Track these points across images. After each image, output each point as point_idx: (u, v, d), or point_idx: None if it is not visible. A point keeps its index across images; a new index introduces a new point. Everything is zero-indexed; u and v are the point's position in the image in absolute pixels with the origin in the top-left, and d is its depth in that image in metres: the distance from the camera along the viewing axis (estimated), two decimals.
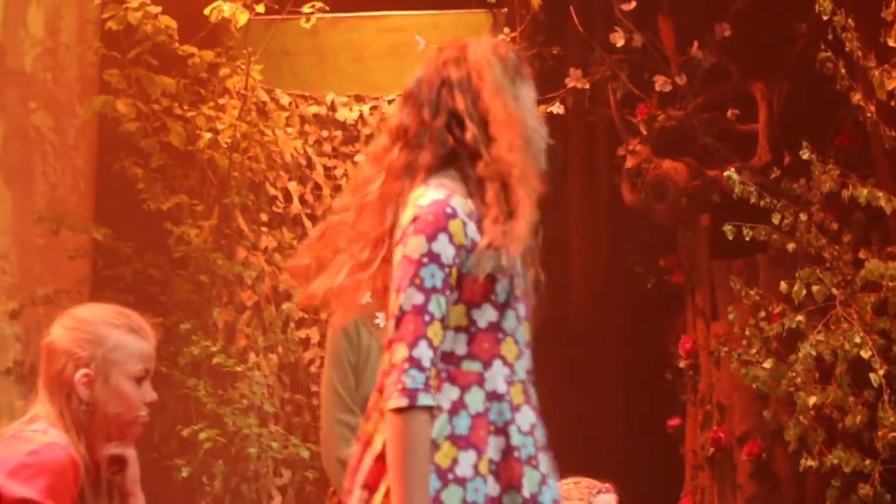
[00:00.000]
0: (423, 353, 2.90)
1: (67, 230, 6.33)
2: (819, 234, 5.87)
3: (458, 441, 2.94)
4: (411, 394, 2.88)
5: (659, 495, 6.41)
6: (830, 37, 5.68)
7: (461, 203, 3.00)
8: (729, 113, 6.51)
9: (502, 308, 3.04)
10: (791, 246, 5.85)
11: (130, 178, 6.45)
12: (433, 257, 2.93)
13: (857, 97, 5.71)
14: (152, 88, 6.38)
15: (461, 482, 2.93)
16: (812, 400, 5.61)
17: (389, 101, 6.98)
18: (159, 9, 6.30)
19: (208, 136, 6.46)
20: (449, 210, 2.96)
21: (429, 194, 3.00)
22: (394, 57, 7.01)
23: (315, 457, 6.12)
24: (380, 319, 4.36)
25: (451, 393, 2.97)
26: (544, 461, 3.05)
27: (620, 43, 6.56)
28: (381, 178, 3.10)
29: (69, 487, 3.23)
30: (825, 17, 5.64)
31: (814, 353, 5.63)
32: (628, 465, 6.34)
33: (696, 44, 6.47)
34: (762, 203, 5.73)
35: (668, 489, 6.50)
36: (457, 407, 2.96)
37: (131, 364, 3.39)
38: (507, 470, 2.98)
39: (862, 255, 5.87)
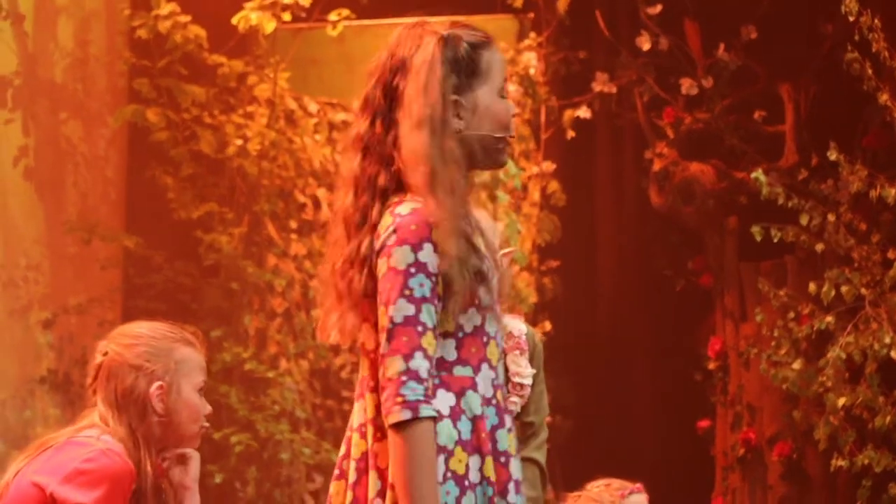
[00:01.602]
0: (420, 364, 2.82)
1: (99, 240, 6.38)
2: (847, 235, 5.86)
3: (466, 446, 2.90)
4: (413, 406, 2.81)
5: (690, 496, 6.42)
6: (857, 37, 5.68)
7: None
8: (756, 115, 6.51)
9: (484, 312, 2.94)
10: (819, 247, 5.85)
11: (161, 187, 6.49)
12: (420, 267, 2.84)
13: (884, 97, 5.70)
14: (182, 97, 6.42)
15: (473, 488, 2.90)
16: (841, 401, 5.61)
17: None
18: (188, 18, 6.35)
19: (238, 142, 6.50)
20: (431, 219, 2.86)
21: (407, 203, 2.90)
22: None
23: None
24: None
25: (447, 399, 2.90)
26: (516, 468, 2.99)
27: (646, 46, 6.57)
28: (348, 193, 3.00)
29: (123, 495, 3.23)
30: (851, 18, 5.63)
31: (843, 355, 5.62)
32: (659, 466, 6.35)
33: (722, 46, 6.47)
34: (790, 204, 5.73)
35: (699, 490, 6.50)
36: (457, 412, 2.90)
37: (195, 376, 3.41)
38: (498, 474, 2.93)
39: (891, 254, 5.86)
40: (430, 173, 2.88)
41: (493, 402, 2.93)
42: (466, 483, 2.89)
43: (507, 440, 2.95)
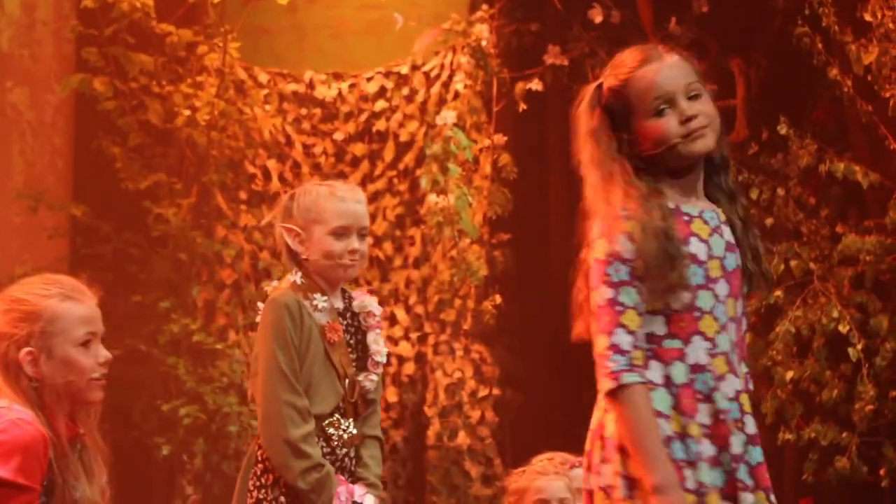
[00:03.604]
0: (622, 339, 3.25)
1: (45, 208, 6.32)
2: (797, 209, 5.89)
3: (677, 409, 3.28)
4: (616, 375, 3.23)
5: None
6: (807, 12, 5.69)
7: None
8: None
9: (695, 290, 3.31)
10: (769, 221, 5.87)
11: (108, 157, 6.44)
12: (616, 255, 3.28)
13: (833, 72, 5.72)
14: (130, 66, 6.37)
15: (684, 441, 3.28)
16: (789, 374, 5.64)
17: (368, 79, 6.97)
18: None
19: (187, 112, 6.44)
20: (623, 212, 3.30)
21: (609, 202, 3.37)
22: (372, 34, 7.01)
23: None
24: (318, 300, 4.35)
25: (658, 368, 3.28)
26: (750, 424, 3.33)
27: (599, 19, 6.56)
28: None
29: (39, 463, 3.22)
30: None
31: (793, 329, 5.65)
32: None
33: (673, 20, 6.47)
34: (740, 178, 5.74)
35: None
36: (668, 380, 3.28)
37: (73, 331, 3.38)
38: (718, 431, 3.28)
39: (839, 229, 5.88)
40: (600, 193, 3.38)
41: (709, 367, 3.29)
42: (686, 440, 3.27)
43: (723, 400, 3.29)
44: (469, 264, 6.51)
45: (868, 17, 5.66)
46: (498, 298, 6.63)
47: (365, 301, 4.47)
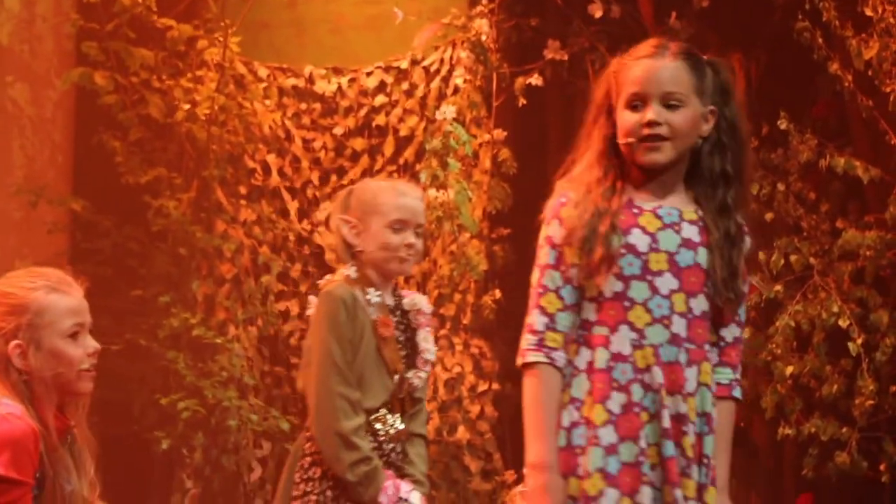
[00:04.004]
0: (537, 319, 3.40)
1: (45, 203, 6.32)
2: (797, 204, 5.89)
3: (594, 394, 3.35)
4: (523, 353, 3.40)
5: None
6: (808, 7, 5.69)
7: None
8: None
9: (629, 279, 3.36)
10: (769, 216, 5.87)
11: (108, 152, 6.43)
12: (547, 240, 3.47)
13: (834, 67, 5.72)
14: (130, 61, 6.36)
15: (594, 428, 3.35)
16: (789, 369, 5.64)
17: (368, 74, 6.97)
18: None
19: (187, 108, 6.44)
20: (563, 199, 3.46)
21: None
22: (372, 29, 7.00)
23: (295, 429, 6.12)
24: (371, 295, 4.37)
25: (585, 355, 3.39)
26: (666, 419, 3.34)
27: (599, 14, 6.56)
28: None
29: (30, 457, 3.23)
30: None
31: (793, 323, 5.65)
32: None
33: (674, 15, 6.47)
34: None
35: None
36: (590, 366, 3.38)
37: (61, 323, 3.39)
38: (626, 422, 3.33)
39: (839, 224, 5.89)
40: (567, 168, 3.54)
41: (631, 359, 3.35)
42: (596, 426, 3.34)
43: (640, 392, 3.34)
44: (469, 259, 6.51)
45: (869, 12, 5.66)
46: (498, 293, 6.63)
47: (415, 299, 4.52)
